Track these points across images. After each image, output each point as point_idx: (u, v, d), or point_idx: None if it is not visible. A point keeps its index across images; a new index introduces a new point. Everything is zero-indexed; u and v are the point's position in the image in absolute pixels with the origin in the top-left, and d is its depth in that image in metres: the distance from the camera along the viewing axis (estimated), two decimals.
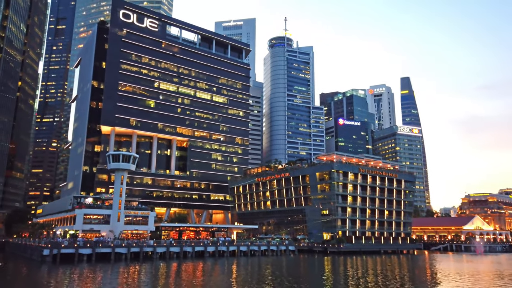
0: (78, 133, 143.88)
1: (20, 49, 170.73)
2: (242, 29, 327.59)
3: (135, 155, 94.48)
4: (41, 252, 72.48)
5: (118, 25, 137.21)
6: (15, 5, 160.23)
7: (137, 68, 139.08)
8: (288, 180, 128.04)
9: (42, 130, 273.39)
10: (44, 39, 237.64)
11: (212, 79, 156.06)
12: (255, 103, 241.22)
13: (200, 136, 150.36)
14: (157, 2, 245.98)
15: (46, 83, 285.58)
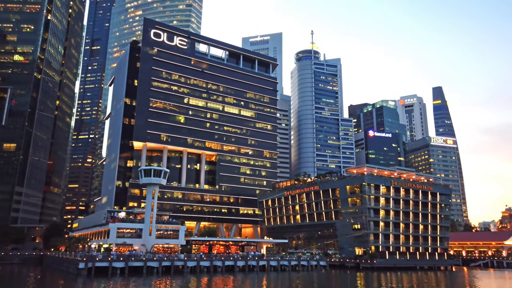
0: (112, 149, 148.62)
1: (58, 70, 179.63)
2: (269, 43, 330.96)
3: (166, 170, 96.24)
4: (76, 266, 74.50)
5: (149, 44, 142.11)
6: (54, 28, 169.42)
7: (168, 85, 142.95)
8: (317, 193, 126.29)
9: (78, 146, 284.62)
10: (80, 59, 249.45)
11: (240, 94, 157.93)
12: (282, 116, 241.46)
13: (228, 150, 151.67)
14: (186, 20, 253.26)
15: (82, 102, 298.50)
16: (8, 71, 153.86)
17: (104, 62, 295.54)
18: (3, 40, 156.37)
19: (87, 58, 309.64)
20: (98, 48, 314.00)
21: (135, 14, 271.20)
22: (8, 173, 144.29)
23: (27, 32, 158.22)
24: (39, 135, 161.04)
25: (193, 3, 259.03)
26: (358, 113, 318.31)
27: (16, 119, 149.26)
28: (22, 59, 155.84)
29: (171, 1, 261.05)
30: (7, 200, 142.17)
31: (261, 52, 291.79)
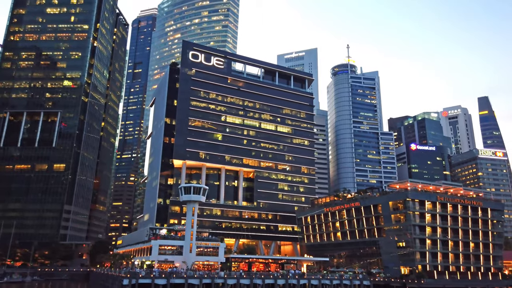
0: (153, 167, 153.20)
1: (103, 93, 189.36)
2: (304, 59, 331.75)
3: (205, 187, 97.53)
4: (121, 282, 76.29)
5: (188, 65, 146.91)
6: (99, 54, 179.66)
7: (205, 103, 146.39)
8: (358, 210, 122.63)
9: (122, 165, 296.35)
10: (123, 82, 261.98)
11: (276, 110, 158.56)
12: (320, 131, 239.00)
13: (266, 166, 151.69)
14: (222, 41, 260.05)
15: (125, 122, 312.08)
16: (58, 96, 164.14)
17: (145, 84, 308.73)
18: (54, 67, 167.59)
19: (130, 81, 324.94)
20: (140, 71, 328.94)
21: (174, 37, 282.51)
22: (58, 192, 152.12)
23: (75, 58, 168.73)
24: (86, 155, 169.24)
25: (229, 24, 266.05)
26: (398, 126, 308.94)
27: (65, 141, 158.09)
28: (70, 84, 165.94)
29: (208, 23, 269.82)
30: (57, 218, 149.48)
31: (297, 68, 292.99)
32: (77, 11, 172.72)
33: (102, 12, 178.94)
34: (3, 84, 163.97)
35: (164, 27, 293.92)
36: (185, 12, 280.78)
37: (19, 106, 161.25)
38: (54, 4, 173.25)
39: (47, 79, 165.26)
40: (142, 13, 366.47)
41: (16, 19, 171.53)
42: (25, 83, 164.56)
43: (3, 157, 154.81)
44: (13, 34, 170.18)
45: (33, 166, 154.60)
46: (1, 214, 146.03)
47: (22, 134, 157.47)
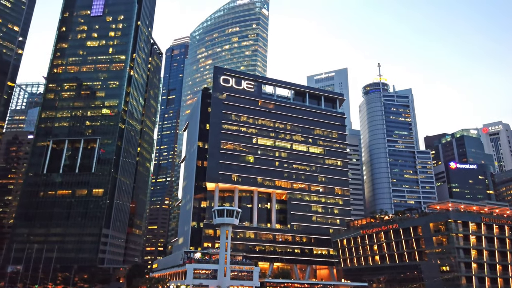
0: (187, 190, 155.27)
1: (139, 119, 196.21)
2: (334, 79, 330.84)
3: (238, 210, 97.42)
4: None
5: (219, 89, 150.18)
6: (135, 83, 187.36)
7: (237, 126, 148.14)
8: (397, 232, 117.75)
9: (157, 189, 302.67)
10: (158, 109, 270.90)
11: (307, 131, 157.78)
12: (353, 151, 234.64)
13: (298, 188, 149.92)
14: (252, 65, 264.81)
15: (159, 147, 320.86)
16: (97, 123, 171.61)
17: (179, 110, 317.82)
18: (93, 96, 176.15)
19: (164, 107, 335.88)
20: (173, 97, 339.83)
21: (205, 63, 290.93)
22: (97, 216, 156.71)
23: (113, 87, 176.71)
24: (123, 180, 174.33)
25: (258, 48, 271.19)
26: (435, 144, 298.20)
27: (103, 166, 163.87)
28: (109, 112, 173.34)
29: (238, 49, 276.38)
30: (96, 242, 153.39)
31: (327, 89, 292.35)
32: (115, 42, 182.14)
33: (138, 43, 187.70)
34: (47, 114, 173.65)
35: (196, 54, 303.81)
36: (216, 39, 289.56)
37: (61, 134, 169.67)
38: (93, 38, 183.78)
39: (87, 108, 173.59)
40: (175, 42, 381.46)
41: (59, 52, 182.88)
42: (66, 112, 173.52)
43: (46, 183, 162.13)
44: (56, 67, 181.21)
45: (74, 192, 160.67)
46: (44, 239, 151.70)
47: (64, 161, 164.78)
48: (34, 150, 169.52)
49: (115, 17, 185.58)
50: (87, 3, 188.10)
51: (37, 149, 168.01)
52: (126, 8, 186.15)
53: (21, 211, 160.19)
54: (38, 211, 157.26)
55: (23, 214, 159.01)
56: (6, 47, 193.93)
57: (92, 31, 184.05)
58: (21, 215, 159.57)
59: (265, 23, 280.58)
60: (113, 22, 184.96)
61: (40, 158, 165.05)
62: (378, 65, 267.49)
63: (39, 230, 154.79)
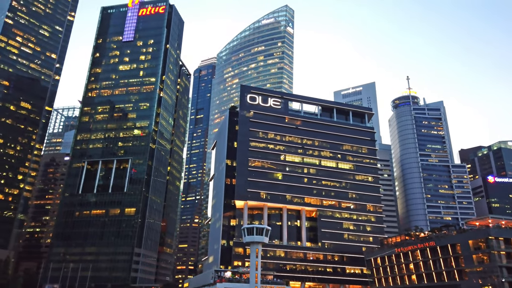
0: (216, 209, 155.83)
1: (168, 139, 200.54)
2: (361, 94, 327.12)
3: (267, 228, 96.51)
4: None
5: (246, 107, 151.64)
6: (165, 104, 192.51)
7: (264, 144, 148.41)
8: (434, 250, 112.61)
9: (186, 208, 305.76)
10: (187, 128, 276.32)
11: (336, 147, 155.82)
12: (384, 166, 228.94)
13: (328, 205, 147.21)
14: (278, 82, 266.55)
15: (189, 166, 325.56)
16: (129, 144, 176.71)
17: (207, 129, 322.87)
18: (125, 118, 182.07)
19: (193, 126, 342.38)
20: (201, 117, 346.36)
21: (232, 82, 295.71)
22: (129, 236, 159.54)
23: (144, 109, 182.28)
24: (154, 199, 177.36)
25: (284, 66, 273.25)
26: (471, 157, 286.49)
27: (135, 186, 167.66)
28: (140, 132, 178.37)
29: (263, 67, 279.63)
30: (128, 261, 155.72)
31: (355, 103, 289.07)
32: (145, 66, 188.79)
33: (167, 65, 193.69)
34: (82, 136, 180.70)
35: (222, 74, 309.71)
36: (242, 58, 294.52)
37: (95, 155, 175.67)
38: (125, 62, 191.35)
39: (119, 129, 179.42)
40: (203, 63, 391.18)
41: (93, 77, 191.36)
42: (100, 134, 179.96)
43: (81, 203, 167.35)
44: (90, 91, 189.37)
45: (107, 211, 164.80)
46: (79, 258, 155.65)
47: (98, 181, 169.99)
48: (70, 171, 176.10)
49: (145, 42, 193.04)
50: (119, 29, 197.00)
51: (72, 170, 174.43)
52: (156, 32, 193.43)
53: (58, 230, 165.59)
54: (73, 231, 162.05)
55: (59, 233, 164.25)
56: (44, 73, 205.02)
57: (124, 56, 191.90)
58: (58, 235, 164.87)
59: (290, 41, 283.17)
60: (144, 46, 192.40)
61: (76, 179, 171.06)
62: (407, 78, 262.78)
63: (75, 249, 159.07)
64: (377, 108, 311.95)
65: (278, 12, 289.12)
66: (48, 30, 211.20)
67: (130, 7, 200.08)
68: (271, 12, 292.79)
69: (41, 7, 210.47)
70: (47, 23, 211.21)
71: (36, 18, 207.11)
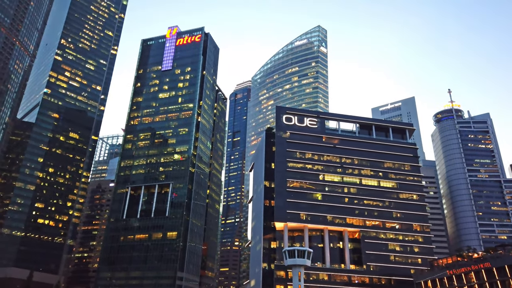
0: (256, 231, 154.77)
1: (207, 162, 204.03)
2: (401, 110, 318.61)
3: (309, 250, 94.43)
4: None
5: (282, 128, 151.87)
6: (203, 128, 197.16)
7: (302, 164, 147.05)
8: (490, 271, 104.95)
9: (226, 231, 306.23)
10: (224, 151, 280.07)
11: (376, 165, 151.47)
12: (429, 184, 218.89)
13: (372, 225, 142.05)
14: (314, 102, 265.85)
15: (227, 188, 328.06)
16: (169, 169, 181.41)
17: (244, 151, 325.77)
18: (166, 144, 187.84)
19: (230, 149, 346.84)
20: (238, 139, 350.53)
21: (267, 104, 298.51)
22: (171, 260, 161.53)
23: (183, 134, 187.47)
24: (195, 222, 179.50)
25: (319, 85, 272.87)
26: None
27: (176, 210, 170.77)
28: (179, 157, 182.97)
29: (298, 87, 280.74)
30: (171, 285, 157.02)
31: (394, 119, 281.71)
32: (183, 92, 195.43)
33: (204, 91, 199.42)
34: (125, 163, 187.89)
35: (258, 96, 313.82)
36: (276, 80, 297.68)
37: (138, 181, 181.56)
38: (164, 90, 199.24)
39: (160, 154, 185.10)
40: (238, 87, 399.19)
41: (135, 106, 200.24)
42: (142, 160, 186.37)
43: (126, 228, 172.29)
44: (133, 119, 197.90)
45: (150, 235, 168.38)
46: (125, 282, 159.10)
47: (141, 206, 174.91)
48: (114, 197, 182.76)
49: (183, 70, 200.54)
50: (158, 59, 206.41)
51: (117, 196, 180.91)
52: (192, 60, 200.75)
53: (104, 255, 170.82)
54: (119, 255, 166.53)
55: (106, 258, 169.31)
56: (90, 105, 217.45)
57: (163, 84, 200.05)
58: (104, 260, 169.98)
59: (324, 60, 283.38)
60: (181, 74, 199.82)
61: (120, 204, 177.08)
62: (449, 91, 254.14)
63: (120, 274, 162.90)
64: (418, 123, 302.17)
65: (311, 33, 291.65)
66: (94, 64, 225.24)
67: (168, 37, 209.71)
68: (303, 34, 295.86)
69: (87, 43, 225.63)
70: (93, 57, 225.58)
71: (82, 54, 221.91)
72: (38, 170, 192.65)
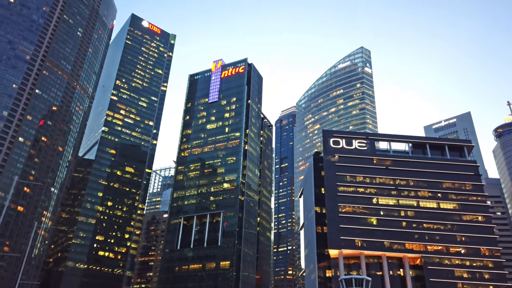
0: (309, 259, 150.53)
1: (256, 190, 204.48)
2: (456, 126, 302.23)
3: (367, 279, 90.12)
4: None
5: (330, 152, 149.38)
6: (250, 156, 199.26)
7: (353, 187, 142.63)
8: None
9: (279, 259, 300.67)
10: (273, 178, 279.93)
11: (434, 185, 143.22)
12: (495, 203, 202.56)
13: (434, 250, 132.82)
14: (361, 123, 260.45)
15: (277, 216, 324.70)
16: (220, 198, 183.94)
17: (292, 177, 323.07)
18: (215, 173, 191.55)
19: (278, 176, 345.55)
20: (286, 165, 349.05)
21: (313, 128, 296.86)
22: None
23: (231, 163, 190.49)
24: (247, 251, 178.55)
25: (365, 106, 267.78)
26: None
27: (228, 239, 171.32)
28: (229, 186, 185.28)
29: (344, 110, 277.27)
30: None
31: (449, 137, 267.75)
32: (230, 122, 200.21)
33: (250, 119, 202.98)
34: (178, 194, 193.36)
35: (303, 121, 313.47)
36: (321, 104, 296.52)
37: (190, 211, 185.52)
38: (212, 121, 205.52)
39: (210, 184, 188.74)
40: (283, 113, 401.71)
41: (185, 138, 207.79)
42: (193, 190, 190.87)
43: (180, 259, 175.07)
44: (183, 151, 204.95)
45: (204, 265, 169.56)
46: None
47: (194, 236, 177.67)
48: (168, 227, 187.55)
49: (229, 100, 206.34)
50: (205, 92, 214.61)
51: (171, 227, 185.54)
52: (238, 91, 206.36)
53: (160, 286, 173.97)
54: (174, 286, 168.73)
55: None
56: (144, 140, 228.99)
57: (211, 116, 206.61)
58: None
59: (369, 81, 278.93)
60: (227, 104, 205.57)
61: (174, 234, 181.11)
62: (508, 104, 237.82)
63: None
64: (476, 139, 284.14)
65: (354, 55, 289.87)
66: (146, 101, 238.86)
67: (214, 71, 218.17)
68: (346, 56, 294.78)
69: (139, 83, 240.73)
70: (145, 95, 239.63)
71: (135, 92, 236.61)
72: (98, 204, 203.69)
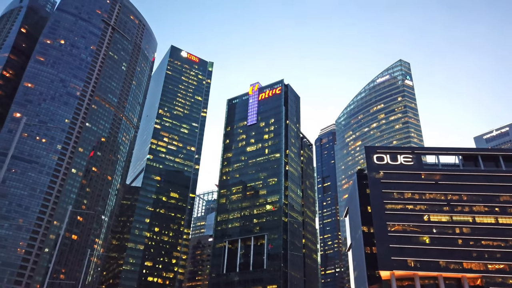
0: (359, 281, 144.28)
1: (299, 211, 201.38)
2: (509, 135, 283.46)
3: None
4: None
5: (374, 168, 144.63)
6: (291, 176, 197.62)
7: (402, 205, 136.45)
8: None
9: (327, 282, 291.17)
10: (315, 198, 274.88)
11: (490, 199, 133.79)
12: None
13: (495, 269, 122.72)
14: (405, 137, 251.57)
15: (323, 237, 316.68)
16: (263, 220, 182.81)
17: (335, 196, 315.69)
18: (257, 195, 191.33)
19: (321, 195, 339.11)
20: (328, 184, 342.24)
21: (355, 145, 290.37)
22: None
23: (272, 184, 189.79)
24: (293, 274, 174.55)
25: (408, 120, 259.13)
26: None
27: (273, 262, 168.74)
28: (271, 207, 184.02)
29: (386, 125, 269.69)
30: None
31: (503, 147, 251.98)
32: (269, 144, 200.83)
33: (289, 140, 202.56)
34: (221, 217, 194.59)
35: (344, 139, 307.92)
36: (361, 120, 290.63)
37: (234, 234, 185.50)
38: (251, 143, 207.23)
39: (252, 206, 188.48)
40: (322, 131, 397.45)
41: (226, 161, 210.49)
42: (237, 213, 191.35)
43: (227, 283, 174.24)
44: (224, 174, 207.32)
45: None
46: None
47: (239, 259, 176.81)
48: (214, 251, 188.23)
49: (267, 122, 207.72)
50: (243, 115, 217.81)
51: (216, 251, 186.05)
52: (275, 112, 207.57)
53: None
54: None
55: None
56: (187, 165, 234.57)
57: (250, 138, 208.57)
58: None
59: (410, 93, 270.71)
60: (266, 126, 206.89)
61: (219, 258, 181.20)
62: None
63: None
64: None
65: (393, 68, 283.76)
66: (187, 127, 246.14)
67: (251, 94, 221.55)
68: (385, 70, 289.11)
69: (180, 110, 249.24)
70: (186, 122, 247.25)
71: (177, 120, 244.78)
72: (146, 230, 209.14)
